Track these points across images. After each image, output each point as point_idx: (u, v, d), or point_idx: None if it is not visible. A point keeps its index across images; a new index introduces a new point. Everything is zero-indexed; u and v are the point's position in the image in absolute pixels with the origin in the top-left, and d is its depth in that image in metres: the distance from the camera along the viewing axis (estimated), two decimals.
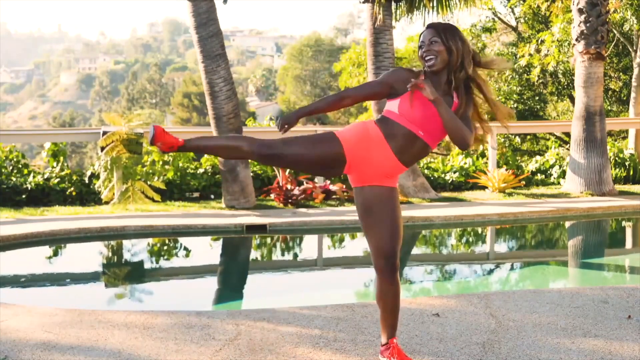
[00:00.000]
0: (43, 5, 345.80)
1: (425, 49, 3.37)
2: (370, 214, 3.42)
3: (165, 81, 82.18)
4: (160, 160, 11.75)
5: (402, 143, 3.33)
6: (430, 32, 3.39)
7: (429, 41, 3.37)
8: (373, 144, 3.34)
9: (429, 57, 3.36)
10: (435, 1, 10.68)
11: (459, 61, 3.37)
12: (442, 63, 3.36)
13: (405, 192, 10.56)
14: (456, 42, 3.36)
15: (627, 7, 14.42)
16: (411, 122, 3.32)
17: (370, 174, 3.40)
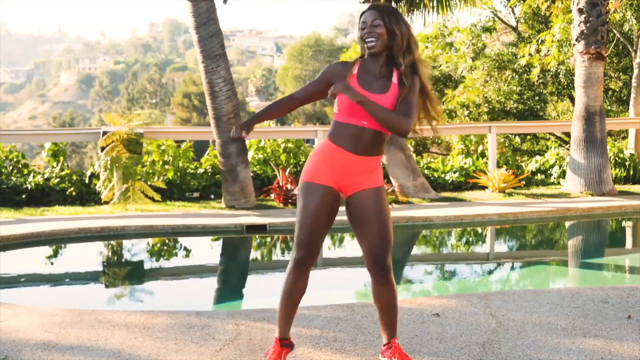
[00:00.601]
0: (43, 5, 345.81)
1: (367, 31, 3.33)
2: (358, 218, 3.41)
3: (165, 81, 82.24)
4: (160, 160, 11.76)
5: (352, 139, 3.32)
6: (372, 13, 3.35)
7: (372, 23, 3.33)
8: (331, 157, 3.36)
9: (370, 39, 3.32)
10: (435, 1, 10.68)
11: (404, 44, 3.34)
12: (382, 46, 3.32)
13: (405, 192, 10.56)
14: (400, 25, 3.34)
15: (627, 7, 14.42)
16: (351, 115, 3.31)
17: (350, 182, 3.39)
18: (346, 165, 3.35)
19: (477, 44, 19.30)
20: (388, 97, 3.32)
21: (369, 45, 3.33)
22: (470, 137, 13.55)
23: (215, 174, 11.50)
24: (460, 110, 17.74)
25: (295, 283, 3.40)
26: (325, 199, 3.36)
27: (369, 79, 3.35)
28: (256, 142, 12.14)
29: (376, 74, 3.37)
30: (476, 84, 18.08)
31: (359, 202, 3.39)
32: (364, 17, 3.37)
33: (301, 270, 3.39)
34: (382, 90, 3.33)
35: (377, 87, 3.34)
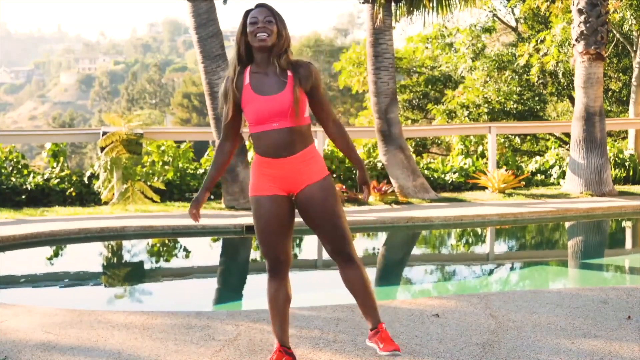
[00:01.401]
0: (43, 5, 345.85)
1: (261, 26, 3.32)
2: (308, 213, 3.42)
3: (165, 81, 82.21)
4: (160, 160, 11.75)
5: (273, 144, 3.33)
6: (264, 11, 3.37)
7: (264, 19, 3.34)
8: (265, 169, 3.39)
9: (263, 34, 3.31)
10: (435, 1, 10.68)
11: (285, 46, 3.37)
12: (271, 42, 3.33)
13: (405, 192, 10.56)
14: (285, 28, 3.40)
15: (626, 8, 14.42)
16: (260, 122, 3.34)
17: (292, 182, 3.39)
18: (281, 169, 3.37)
19: (476, 44, 19.29)
20: (286, 93, 3.32)
21: (261, 38, 3.32)
22: (470, 137, 13.56)
23: None
24: (460, 111, 17.74)
25: (276, 291, 3.46)
26: (272, 209, 3.39)
27: (262, 83, 3.36)
28: None
29: (268, 74, 3.37)
30: (476, 84, 18.08)
31: (305, 199, 3.40)
32: (255, 14, 3.37)
33: (277, 278, 3.45)
34: (279, 89, 3.34)
35: (272, 88, 3.34)
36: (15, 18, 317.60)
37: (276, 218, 3.39)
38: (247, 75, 3.39)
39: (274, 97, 3.32)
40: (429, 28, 20.23)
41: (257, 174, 3.44)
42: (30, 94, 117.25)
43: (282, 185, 3.40)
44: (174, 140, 12.20)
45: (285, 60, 3.35)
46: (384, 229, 8.76)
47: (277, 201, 3.39)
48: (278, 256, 3.43)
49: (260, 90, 3.34)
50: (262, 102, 3.32)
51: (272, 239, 3.40)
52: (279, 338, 3.50)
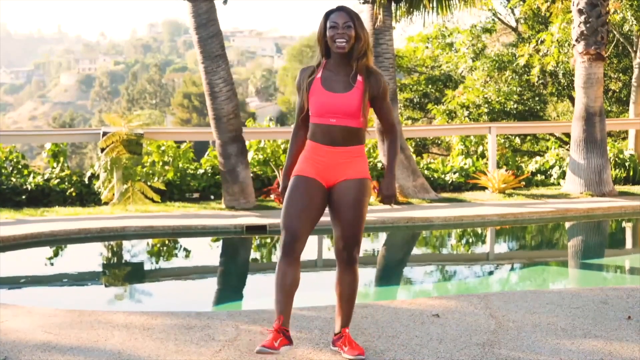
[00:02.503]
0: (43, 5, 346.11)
1: (340, 31, 3.51)
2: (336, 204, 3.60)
3: (165, 82, 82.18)
4: (160, 161, 11.75)
5: (326, 135, 3.56)
6: (343, 15, 3.53)
7: (344, 24, 3.52)
8: (313, 153, 3.61)
9: (342, 40, 3.51)
10: (435, 2, 10.67)
11: (363, 49, 3.55)
12: (349, 47, 3.53)
13: (405, 192, 10.57)
14: (364, 30, 3.57)
15: (627, 8, 14.41)
16: (320, 115, 3.57)
17: (333, 173, 3.59)
18: (326, 157, 3.58)
19: (477, 44, 19.29)
20: (353, 94, 3.54)
21: (340, 46, 3.53)
22: (470, 137, 13.56)
23: (215, 175, 11.50)
24: (460, 111, 17.73)
25: (285, 272, 3.48)
26: (309, 189, 3.56)
27: (332, 80, 3.59)
28: (256, 143, 12.14)
29: (340, 74, 3.58)
30: (476, 84, 18.08)
31: (339, 190, 3.59)
32: (335, 18, 3.55)
33: (288, 258, 3.49)
34: (345, 89, 3.55)
35: (340, 86, 3.56)
36: (15, 18, 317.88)
37: (308, 196, 3.55)
38: (320, 70, 3.62)
39: (340, 95, 3.54)
40: (430, 28, 20.24)
41: (304, 158, 3.64)
42: (31, 94, 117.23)
43: (323, 173, 3.59)
44: (174, 140, 12.20)
45: (363, 64, 3.56)
46: (384, 229, 8.77)
47: (314, 184, 3.57)
48: (296, 232, 3.49)
49: (328, 86, 3.57)
50: (327, 98, 3.55)
51: (297, 212, 3.52)
52: (280, 319, 3.47)
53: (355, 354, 3.55)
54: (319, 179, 3.58)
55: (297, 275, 3.51)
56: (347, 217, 3.54)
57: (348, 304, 3.66)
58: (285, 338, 3.44)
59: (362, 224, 3.58)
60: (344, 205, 3.55)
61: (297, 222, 3.50)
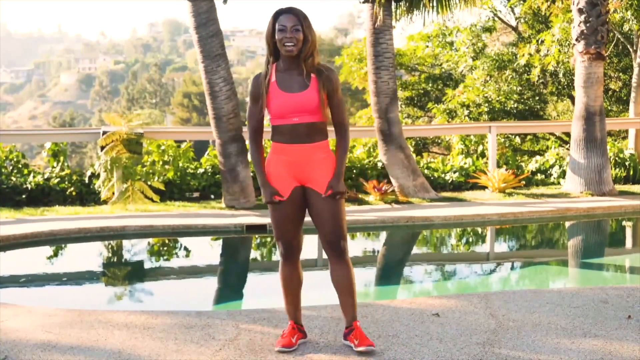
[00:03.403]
0: (43, 5, 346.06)
1: (289, 35, 3.57)
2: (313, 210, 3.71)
3: (165, 81, 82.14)
4: (160, 160, 11.75)
5: (290, 135, 3.64)
6: (292, 18, 3.59)
7: (292, 28, 3.58)
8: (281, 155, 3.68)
9: (290, 44, 3.57)
10: (435, 1, 10.67)
11: (310, 50, 3.62)
12: (297, 50, 3.60)
13: (405, 192, 10.56)
14: (312, 32, 3.64)
15: (627, 8, 14.41)
16: (282, 117, 3.64)
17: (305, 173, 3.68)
18: (293, 154, 3.66)
19: (477, 43, 19.28)
20: (310, 91, 3.62)
21: (288, 49, 3.59)
22: (470, 137, 13.55)
23: (215, 174, 11.50)
24: (460, 110, 17.74)
25: (289, 274, 3.82)
26: (288, 207, 3.69)
27: (287, 81, 3.65)
28: None
29: (293, 74, 3.66)
30: (476, 83, 18.07)
31: (314, 194, 3.68)
32: (283, 20, 3.60)
33: (289, 262, 3.80)
34: (302, 88, 3.63)
35: (296, 86, 3.64)
36: (15, 18, 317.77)
37: (290, 213, 3.71)
38: (272, 73, 3.68)
39: (299, 94, 3.62)
40: (430, 27, 20.23)
41: (272, 163, 3.71)
42: (31, 94, 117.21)
43: (295, 173, 3.68)
44: (174, 139, 12.19)
45: (310, 64, 3.63)
46: (384, 229, 8.77)
47: (291, 198, 3.69)
48: (291, 241, 3.76)
49: (285, 88, 3.64)
50: (286, 99, 3.62)
51: (285, 225, 3.72)
52: (292, 316, 3.86)
53: (365, 344, 3.63)
54: (294, 181, 3.69)
55: (299, 275, 3.85)
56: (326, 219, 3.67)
57: (348, 296, 3.72)
58: (300, 333, 3.84)
59: (342, 220, 3.70)
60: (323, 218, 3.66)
61: (288, 234, 3.74)
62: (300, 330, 3.85)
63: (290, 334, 3.78)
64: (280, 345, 3.73)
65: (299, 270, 3.84)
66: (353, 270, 3.74)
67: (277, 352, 3.71)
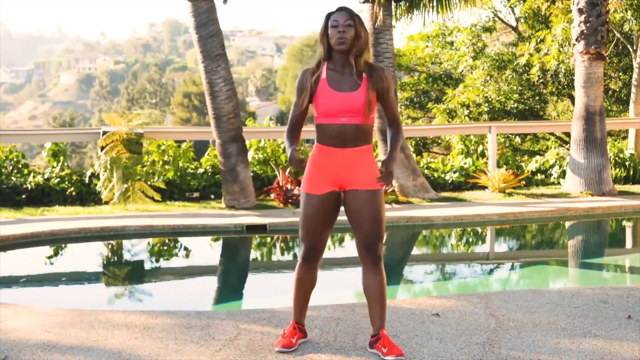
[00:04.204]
0: (43, 5, 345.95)
1: (341, 29, 3.59)
2: (353, 213, 3.68)
3: (165, 81, 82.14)
4: (160, 160, 11.75)
5: (337, 137, 3.61)
6: (345, 15, 3.63)
7: (344, 23, 3.61)
8: (325, 158, 3.65)
9: (343, 38, 3.59)
10: (435, 1, 10.67)
11: (362, 47, 3.64)
12: (349, 45, 3.61)
13: (405, 192, 10.56)
14: (364, 29, 3.65)
15: (627, 8, 14.41)
16: (331, 116, 3.62)
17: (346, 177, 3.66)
18: (337, 158, 3.63)
19: (477, 43, 19.29)
20: (360, 92, 3.61)
21: (340, 42, 3.59)
22: (470, 137, 13.55)
23: (215, 174, 11.50)
24: (460, 110, 17.74)
25: (304, 274, 3.81)
26: (322, 207, 3.67)
27: (338, 80, 3.64)
28: (256, 142, 12.14)
29: (344, 73, 3.66)
30: (476, 83, 18.07)
31: (355, 202, 3.66)
32: (336, 17, 3.64)
33: (308, 264, 3.78)
34: (353, 88, 3.62)
35: (348, 85, 3.63)
36: (15, 18, 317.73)
37: (322, 214, 3.68)
38: (323, 71, 3.67)
39: (348, 94, 3.60)
40: (430, 27, 20.23)
41: (314, 164, 3.68)
42: (31, 94, 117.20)
43: (334, 178, 3.66)
44: (175, 139, 12.20)
45: (361, 62, 3.63)
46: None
47: (326, 200, 3.67)
48: (315, 244, 3.73)
49: (336, 86, 3.62)
50: (335, 97, 3.60)
51: (313, 229, 3.69)
52: (296, 317, 3.87)
53: (394, 354, 3.57)
54: (331, 186, 3.66)
55: (314, 278, 3.86)
56: (365, 227, 3.63)
57: (380, 304, 3.67)
58: (300, 332, 3.85)
59: (383, 224, 3.67)
60: (363, 218, 3.63)
61: (315, 236, 3.71)
62: (302, 330, 3.86)
63: (291, 334, 3.79)
64: (280, 345, 3.73)
65: (315, 275, 3.83)
66: (385, 279, 3.69)
67: (277, 352, 3.71)
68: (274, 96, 73.17)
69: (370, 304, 3.69)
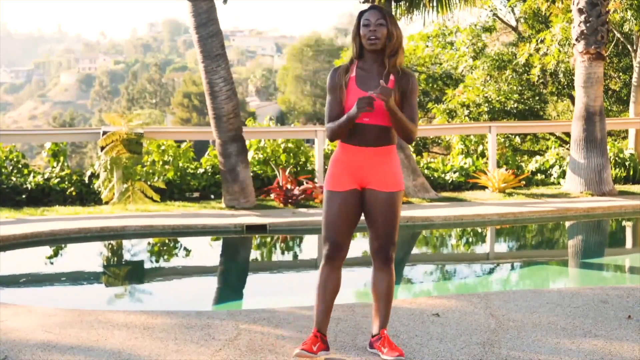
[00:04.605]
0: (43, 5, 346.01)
1: (372, 29, 3.54)
2: (370, 212, 3.65)
3: (165, 81, 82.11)
4: (160, 160, 11.75)
5: (360, 135, 3.57)
6: (376, 13, 3.57)
7: (376, 22, 3.55)
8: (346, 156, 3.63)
9: (374, 37, 3.55)
10: (435, 1, 10.67)
11: (396, 46, 3.58)
12: (382, 45, 3.56)
13: (405, 192, 10.56)
14: (397, 28, 3.59)
15: (627, 8, 14.41)
16: None
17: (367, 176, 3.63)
18: (358, 157, 3.60)
19: (477, 43, 19.28)
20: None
21: (372, 42, 3.54)
22: (470, 137, 13.55)
23: (215, 174, 11.50)
24: (460, 110, 17.74)
25: (327, 278, 3.67)
26: (344, 204, 3.62)
27: (366, 79, 3.60)
28: (256, 142, 12.14)
29: (373, 73, 3.60)
30: (476, 83, 18.07)
31: (373, 202, 3.62)
32: (368, 16, 3.58)
33: (331, 265, 3.67)
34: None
35: (374, 86, 3.57)
36: (15, 18, 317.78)
37: (345, 212, 3.63)
38: (353, 69, 3.64)
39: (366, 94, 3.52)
40: (430, 27, 20.22)
41: (336, 162, 3.66)
42: (31, 94, 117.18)
43: (356, 176, 3.62)
44: (174, 139, 12.19)
45: (394, 62, 3.58)
46: None
47: (350, 196, 3.62)
48: (339, 242, 3.65)
49: (362, 85, 3.59)
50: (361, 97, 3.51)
51: (336, 226, 3.63)
52: (318, 323, 3.64)
53: (395, 355, 3.53)
54: (352, 182, 3.63)
55: (338, 281, 3.70)
56: (381, 225, 3.61)
57: (386, 304, 3.66)
58: (322, 343, 3.59)
59: (397, 226, 3.65)
60: (378, 219, 3.61)
61: (338, 235, 3.64)
62: (323, 340, 3.61)
63: (313, 342, 3.55)
64: (299, 348, 3.53)
65: (339, 276, 3.70)
66: (394, 280, 3.68)
67: (295, 355, 3.54)
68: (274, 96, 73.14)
69: (376, 302, 3.68)
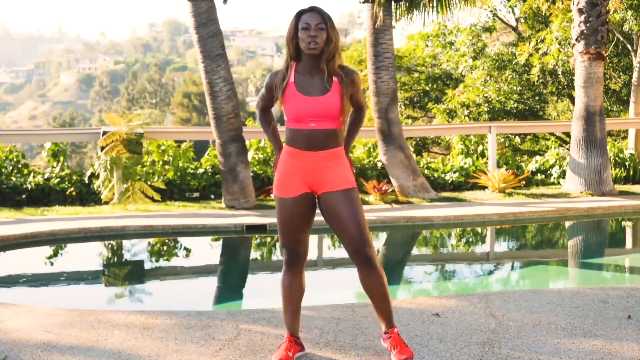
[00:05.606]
0: (43, 5, 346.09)
1: (312, 33, 3.43)
2: (331, 216, 3.55)
3: (165, 81, 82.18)
4: (160, 160, 11.75)
5: (306, 140, 3.49)
6: (316, 16, 3.45)
7: (316, 26, 3.45)
8: (294, 160, 3.54)
9: (314, 42, 3.42)
10: (435, 1, 10.67)
11: (333, 51, 3.47)
12: (320, 49, 3.45)
13: (405, 192, 10.56)
14: (336, 32, 3.50)
15: (627, 8, 14.41)
16: (299, 120, 3.49)
17: (318, 180, 3.55)
18: (308, 162, 3.52)
19: (477, 43, 19.29)
20: (331, 96, 3.48)
21: (312, 47, 3.43)
22: (470, 137, 13.56)
23: (215, 174, 11.50)
24: (460, 110, 17.74)
25: (290, 282, 3.65)
26: (296, 209, 3.55)
27: (306, 84, 3.50)
28: (256, 142, 12.15)
29: (313, 76, 3.50)
30: (476, 83, 18.08)
31: (332, 204, 3.53)
32: (307, 18, 3.46)
33: (293, 270, 3.64)
34: (322, 92, 3.48)
35: (317, 90, 3.48)
36: (15, 18, 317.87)
37: (298, 216, 3.57)
38: (291, 74, 3.53)
39: (318, 99, 3.47)
40: (430, 27, 20.23)
41: (284, 165, 3.58)
42: (31, 94, 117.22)
43: (306, 179, 3.54)
44: (174, 139, 12.20)
45: (332, 66, 3.48)
46: (384, 229, 8.76)
47: (299, 201, 3.55)
48: (296, 248, 3.61)
49: (304, 90, 3.49)
50: (304, 102, 3.47)
51: (292, 232, 3.58)
52: (289, 328, 3.68)
53: (402, 358, 3.51)
54: (304, 188, 3.55)
55: (302, 284, 3.68)
56: (344, 228, 3.49)
57: (382, 302, 3.58)
58: (297, 345, 3.67)
59: (365, 223, 3.52)
60: (343, 220, 3.48)
61: (293, 240, 3.59)
62: (297, 342, 3.67)
63: (287, 348, 3.60)
64: (276, 357, 3.56)
65: (302, 280, 3.66)
66: (384, 276, 3.55)
67: None
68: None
69: (374, 304, 3.62)
